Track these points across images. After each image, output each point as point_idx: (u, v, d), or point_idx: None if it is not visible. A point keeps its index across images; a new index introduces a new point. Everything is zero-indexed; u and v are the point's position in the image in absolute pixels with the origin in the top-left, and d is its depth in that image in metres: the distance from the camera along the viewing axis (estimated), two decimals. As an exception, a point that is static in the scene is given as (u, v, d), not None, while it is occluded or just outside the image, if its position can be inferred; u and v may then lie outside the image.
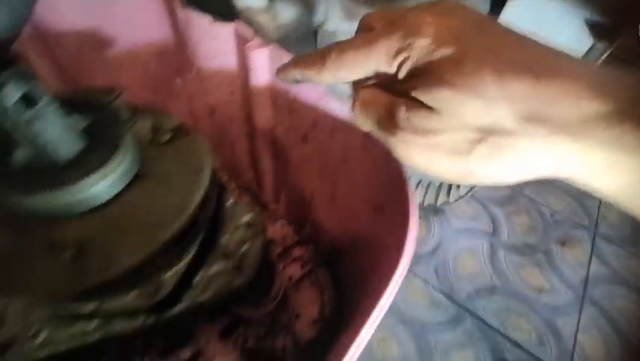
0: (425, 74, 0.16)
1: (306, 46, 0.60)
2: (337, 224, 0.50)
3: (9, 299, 0.28)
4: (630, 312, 0.77)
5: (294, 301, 0.53)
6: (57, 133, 0.21)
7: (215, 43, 0.44)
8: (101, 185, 0.24)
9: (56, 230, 0.23)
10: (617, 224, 0.95)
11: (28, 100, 0.19)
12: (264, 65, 0.41)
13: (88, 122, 0.25)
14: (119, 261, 0.23)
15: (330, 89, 0.39)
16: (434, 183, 0.81)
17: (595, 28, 0.52)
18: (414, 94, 0.16)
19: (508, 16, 0.52)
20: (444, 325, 0.67)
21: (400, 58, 0.17)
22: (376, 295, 0.28)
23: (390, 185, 0.34)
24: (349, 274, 0.51)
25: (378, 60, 0.17)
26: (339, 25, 0.59)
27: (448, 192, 0.84)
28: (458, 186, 0.85)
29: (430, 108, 0.16)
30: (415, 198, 0.33)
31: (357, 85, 0.19)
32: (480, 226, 0.88)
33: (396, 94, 0.17)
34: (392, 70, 0.17)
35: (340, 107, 0.38)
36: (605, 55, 0.56)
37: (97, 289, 0.24)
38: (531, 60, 0.15)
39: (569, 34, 0.54)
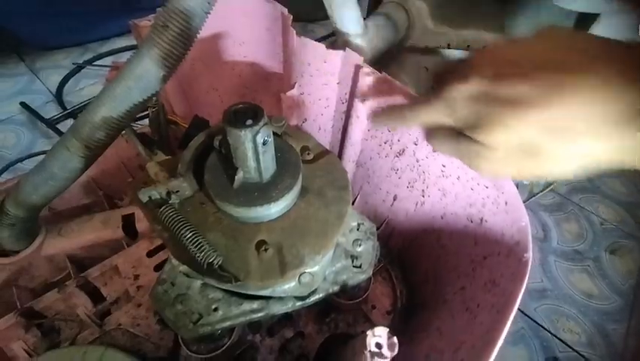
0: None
1: (391, 61, 0.65)
2: (419, 238, 0.55)
3: (190, 281, 0.36)
4: (678, 322, 0.79)
5: (371, 294, 0.59)
6: (271, 161, 0.28)
7: (324, 65, 0.50)
8: (289, 199, 0.30)
9: (259, 233, 0.30)
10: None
11: (264, 142, 0.26)
12: (367, 86, 0.47)
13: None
14: (304, 260, 0.30)
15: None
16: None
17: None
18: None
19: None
20: (499, 322, 0.72)
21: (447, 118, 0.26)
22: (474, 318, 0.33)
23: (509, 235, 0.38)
24: (417, 272, 0.57)
25: (437, 116, 0.26)
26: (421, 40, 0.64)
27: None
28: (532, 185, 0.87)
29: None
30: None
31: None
32: (532, 232, 0.91)
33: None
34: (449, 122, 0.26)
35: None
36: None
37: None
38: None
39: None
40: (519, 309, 0.74)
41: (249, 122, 0.24)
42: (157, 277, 0.36)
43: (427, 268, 0.55)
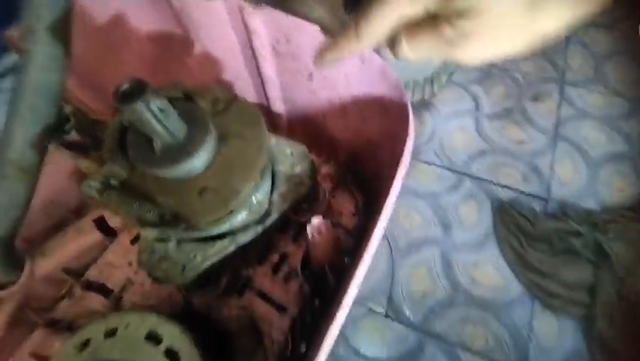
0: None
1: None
2: (351, 137, 0.63)
3: (167, 242, 0.43)
4: (595, 139, 0.94)
5: (335, 204, 0.68)
6: (176, 124, 0.33)
7: (212, 18, 0.51)
8: (209, 149, 0.36)
9: (197, 183, 0.36)
10: (581, 68, 1.07)
11: (159, 108, 0.30)
12: (260, 26, 0.49)
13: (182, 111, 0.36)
14: (239, 189, 0.36)
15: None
16: (417, 82, 0.91)
17: None
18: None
19: None
20: (450, 190, 0.84)
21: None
22: (392, 180, 0.41)
23: (388, 92, 0.45)
24: (369, 174, 0.66)
25: (400, 9, 0.20)
26: None
27: (432, 85, 0.95)
28: (438, 78, 0.95)
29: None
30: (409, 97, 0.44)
31: (393, 36, 0.21)
32: (465, 106, 1.01)
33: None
34: (415, 12, 0.20)
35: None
36: None
37: (226, 214, 0.38)
38: None
39: None
40: (464, 173, 0.86)
41: (138, 95, 0.28)
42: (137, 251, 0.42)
43: (366, 161, 0.64)
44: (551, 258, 0.75)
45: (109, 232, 0.62)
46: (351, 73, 0.48)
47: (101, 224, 0.61)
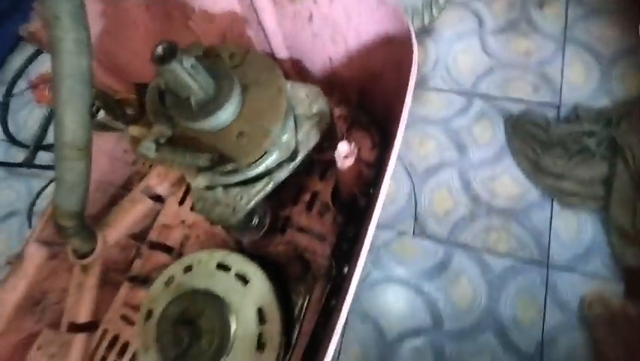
0: None
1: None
2: (358, 74, 0.65)
3: (215, 189, 0.49)
4: (607, 36, 0.91)
5: (353, 140, 0.73)
6: (205, 79, 0.37)
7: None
8: (237, 98, 0.40)
9: (232, 130, 0.41)
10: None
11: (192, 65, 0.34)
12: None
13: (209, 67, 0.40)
14: (270, 129, 0.41)
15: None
16: (416, 8, 0.89)
17: None
18: None
19: None
20: (460, 112, 0.86)
21: None
22: (401, 106, 0.44)
23: (388, 18, 0.47)
24: (380, 111, 0.69)
25: None
26: None
27: (431, 9, 0.93)
28: (436, 1, 0.93)
29: None
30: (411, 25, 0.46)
31: None
32: (467, 26, 0.98)
33: None
34: None
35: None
36: None
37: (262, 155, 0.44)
38: None
39: None
40: (474, 94, 0.87)
41: (171, 56, 0.32)
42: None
43: (375, 98, 0.67)
44: (566, 160, 0.78)
45: (158, 200, 0.70)
46: (349, 4, 0.50)
47: (149, 192, 0.69)
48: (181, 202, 0.69)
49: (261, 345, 0.43)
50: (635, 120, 0.77)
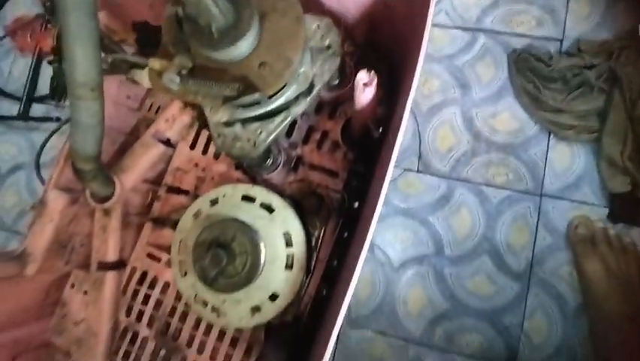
0: None
1: None
2: (367, 2, 0.63)
3: (234, 125, 0.50)
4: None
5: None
6: (225, 5, 0.36)
7: None
8: (256, 26, 0.40)
9: (253, 60, 0.41)
10: None
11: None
12: None
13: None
14: (291, 59, 0.41)
15: None
16: None
17: None
18: None
19: None
20: (465, 49, 0.86)
21: None
22: (414, 41, 0.43)
23: None
24: (389, 48, 0.68)
25: None
26: None
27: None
28: None
29: None
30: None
31: None
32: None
33: None
34: None
35: None
36: None
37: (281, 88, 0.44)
38: None
39: None
40: (478, 29, 0.86)
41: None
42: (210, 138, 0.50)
43: (386, 32, 0.66)
44: (565, 94, 0.81)
45: (167, 144, 0.71)
46: None
47: (159, 137, 0.69)
48: (192, 147, 0.70)
49: (288, 265, 0.48)
50: (635, 52, 0.78)
